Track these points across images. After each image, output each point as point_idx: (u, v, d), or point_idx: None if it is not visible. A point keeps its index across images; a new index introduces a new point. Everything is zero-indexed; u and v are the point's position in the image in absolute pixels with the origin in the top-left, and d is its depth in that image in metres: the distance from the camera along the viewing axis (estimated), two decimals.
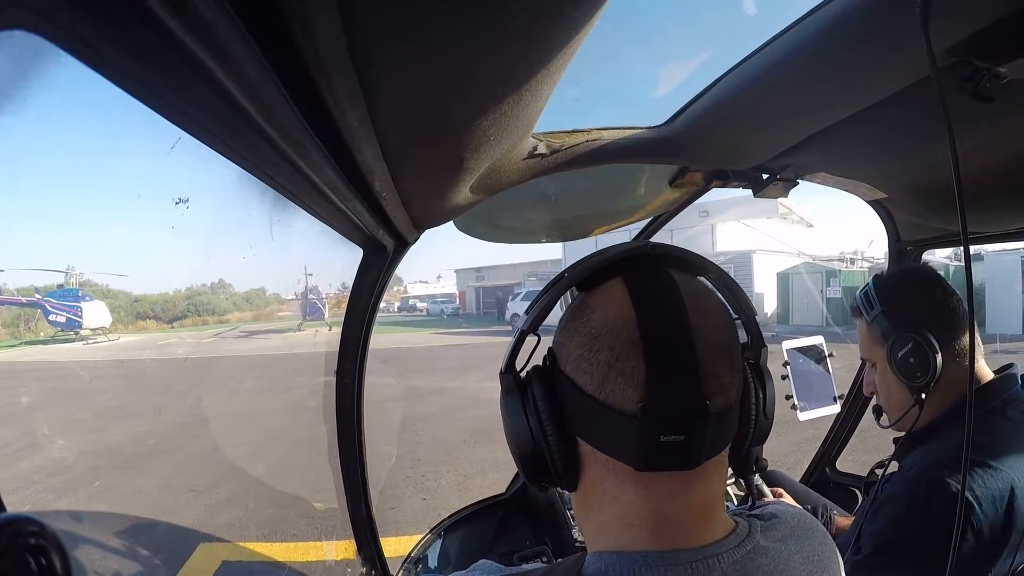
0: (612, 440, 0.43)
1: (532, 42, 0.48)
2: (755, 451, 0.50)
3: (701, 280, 0.49)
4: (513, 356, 0.49)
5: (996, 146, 0.87)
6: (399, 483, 4.40)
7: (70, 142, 54.70)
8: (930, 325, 0.93)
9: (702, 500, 0.45)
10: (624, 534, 0.44)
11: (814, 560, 0.48)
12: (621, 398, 0.41)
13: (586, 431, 0.45)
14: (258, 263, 28.05)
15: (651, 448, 0.41)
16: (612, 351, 0.42)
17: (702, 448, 0.42)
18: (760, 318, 0.52)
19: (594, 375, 0.43)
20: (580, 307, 0.47)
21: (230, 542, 3.48)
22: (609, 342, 0.42)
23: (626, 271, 0.46)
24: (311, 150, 0.53)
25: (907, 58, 0.63)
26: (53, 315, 15.71)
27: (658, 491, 0.43)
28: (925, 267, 1.06)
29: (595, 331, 0.43)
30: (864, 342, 1.06)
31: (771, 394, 0.49)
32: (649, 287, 0.44)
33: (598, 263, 0.47)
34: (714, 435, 0.43)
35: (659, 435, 0.41)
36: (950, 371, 0.92)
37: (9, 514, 0.22)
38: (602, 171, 1.03)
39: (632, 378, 0.41)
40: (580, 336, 0.44)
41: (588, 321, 0.44)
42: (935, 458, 0.89)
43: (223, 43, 0.33)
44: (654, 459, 0.42)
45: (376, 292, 1.12)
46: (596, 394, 0.42)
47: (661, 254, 0.47)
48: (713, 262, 0.50)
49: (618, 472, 0.44)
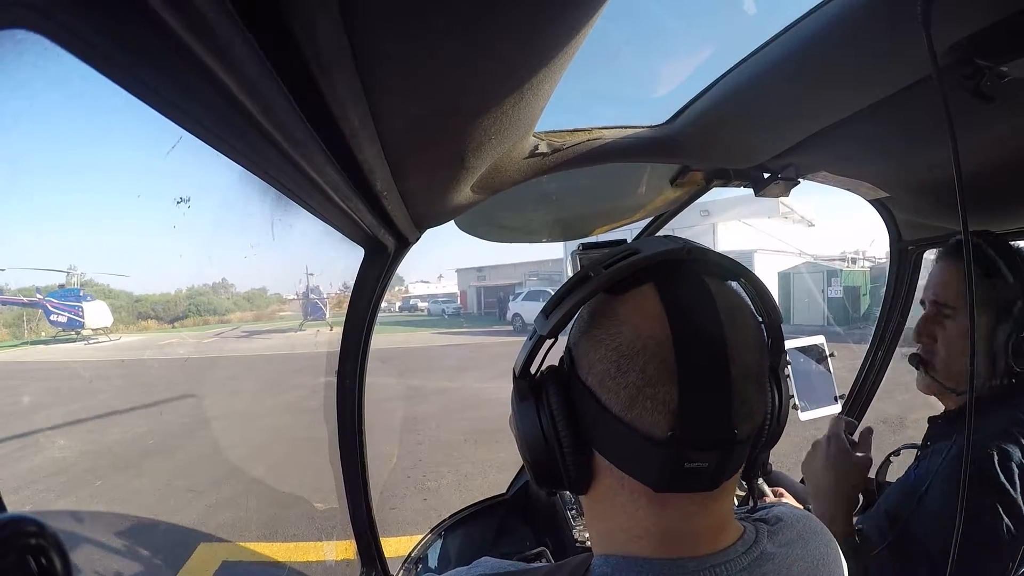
0: (633, 461, 0.41)
1: (533, 41, 0.48)
2: (763, 456, 0.49)
3: (734, 288, 0.46)
4: (529, 360, 0.46)
5: (997, 145, 0.87)
6: (400, 483, 4.40)
7: (71, 141, 54.74)
8: None
9: (715, 517, 0.44)
10: (631, 544, 0.44)
11: (819, 563, 0.48)
12: (649, 423, 0.39)
13: (605, 446, 0.43)
14: (259, 263, 28.06)
15: (675, 473, 0.40)
16: (644, 373, 0.39)
17: (724, 472, 0.41)
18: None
19: (621, 396, 0.40)
20: (606, 313, 0.43)
21: (230, 542, 3.48)
22: (641, 363, 0.39)
23: (658, 277, 0.42)
24: (312, 149, 0.53)
25: (908, 57, 0.63)
26: (54, 315, 15.74)
27: (673, 511, 0.43)
28: None
29: (624, 348, 0.40)
30: (952, 288, 0.94)
31: (787, 400, 0.48)
32: (685, 301, 0.41)
33: (629, 268, 0.42)
34: (737, 459, 0.42)
35: (684, 462, 0.39)
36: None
37: (9, 514, 0.22)
38: (603, 170, 1.03)
39: (663, 405, 0.39)
40: (607, 349, 0.41)
41: (616, 334, 0.41)
42: (999, 427, 0.84)
43: (224, 42, 0.33)
44: (675, 482, 0.40)
45: (377, 292, 1.12)
46: (622, 415, 0.40)
47: (697, 259, 0.44)
48: (745, 267, 0.47)
49: (633, 488, 0.42)
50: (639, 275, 0.42)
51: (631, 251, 0.44)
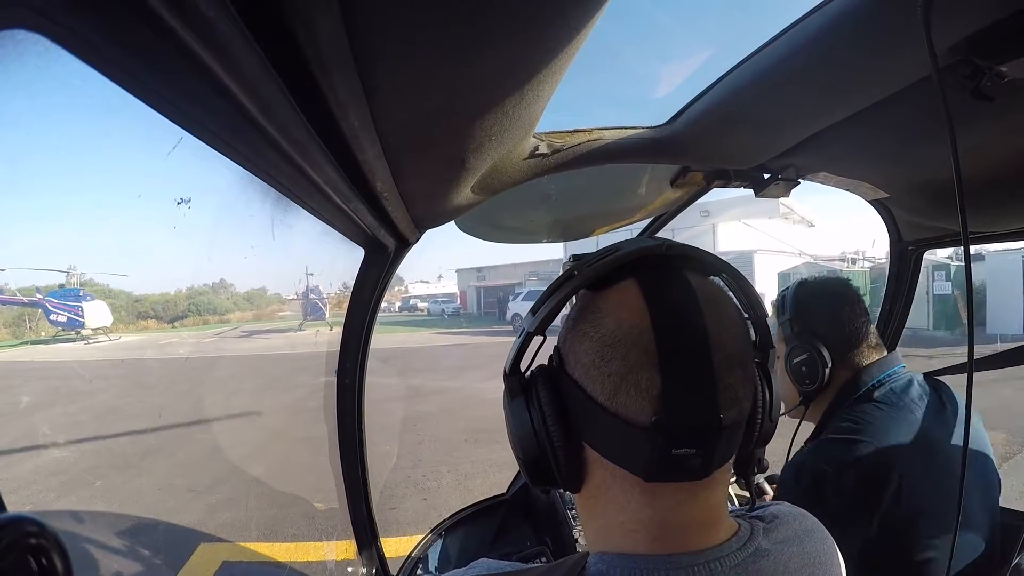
0: (621, 450, 0.42)
1: (533, 42, 0.48)
2: (758, 453, 0.49)
3: (716, 282, 0.47)
4: (518, 357, 0.48)
5: (997, 145, 0.87)
6: (399, 483, 4.40)
7: (71, 141, 54.79)
8: (828, 340, 1.02)
9: (707, 508, 0.44)
10: (626, 539, 0.44)
11: (815, 561, 0.48)
12: (634, 410, 0.40)
13: (594, 438, 0.44)
14: (259, 263, 28.05)
15: (662, 460, 0.40)
16: (625, 361, 0.40)
17: (713, 460, 0.41)
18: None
19: (605, 385, 0.41)
20: (590, 308, 0.44)
21: (231, 542, 3.48)
22: (622, 351, 0.41)
23: (640, 272, 0.44)
24: (313, 150, 0.53)
25: (908, 57, 0.63)
26: (54, 315, 15.73)
27: (665, 501, 0.43)
28: (846, 285, 1.10)
29: (607, 338, 0.42)
30: (775, 335, 1.09)
31: (777, 396, 0.49)
32: (665, 292, 0.42)
33: (611, 263, 0.44)
34: (725, 446, 0.42)
35: (671, 448, 0.40)
36: (838, 375, 1.03)
37: (9, 514, 0.22)
38: (603, 171, 1.03)
39: (646, 391, 0.40)
40: (591, 341, 0.43)
41: (600, 326, 0.42)
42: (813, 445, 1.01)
43: (225, 43, 0.33)
44: (664, 471, 0.41)
45: (377, 292, 1.12)
46: (607, 404, 0.41)
47: (677, 255, 0.45)
48: (727, 262, 0.48)
49: (624, 480, 0.43)
50: (621, 271, 0.44)
51: (614, 249, 0.45)
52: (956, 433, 0.96)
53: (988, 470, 0.99)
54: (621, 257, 0.44)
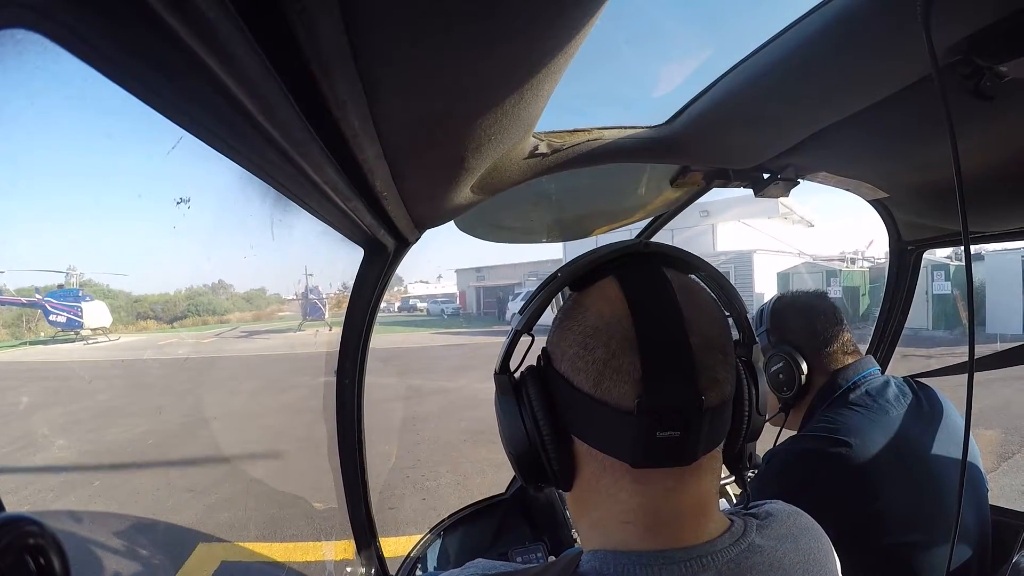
0: (608, 437, 0.43)
1: (533, 42, 0.48)
2: (748, 448, 0.50)
3: (693, 278, 0.49)
4: (507, 356, 0.49)
5: (997, 145, 0.87)
6: (399, 483, 4.40)
7: (71, 141, 54.75)
8: (804, 348, 1.06)
9: (697, 496, 0.45)
10: (619, 532, 0.45)
11: (809, 558, 0.48)
12: (617, 395, 0.42)
13: (582, 429, 0.45)
14: (259, 263, 28.09)
15: (648, 444, 0.41)
16: (607, 348, 0.42)
17: (698, 443, 0.42)
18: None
19: (589, 373, 0.43)
20: (574, 306, 0.47)
21: (229, 542, 3.48)
22: (604, 339, 0.43)
23: (619, 270, 0.46)
24: (312, 150, 0.53)
25: (908, 57, 0.63)
26: (53, 315, 15.72)
27: (654, 487, 0.44)
28: (821, 297, 1.14)
29: (590, 329, 0.44)
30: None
31: (763, 391, 0.50)
32: (642, 284, 0.45)
33: (591, 262, 0.47)
34: (709, 430, 0.43)
35: (655, 431, 0.41)
36: (815, 381, 1.06)
37: (9, 514, 0.22)
38: (603, 171, 1.03)
39: (628, 375, 0.41)
40: (574, 335, 0.45)
41: (582, 320, 0.45)
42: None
43: (224, 42, 0.33)
44: (651, 455, 0.42)
45: (377, 292, 1.12)
46: (592, 392, 0.43)
47: (654, 252, 0.48)
48: (704, 260, 0.50)
49: (614, 469, 0.44)
50: (602, 269, 0.47)
51: (595, 251, 0.48)
52: (937, 434, 0.97)
53: (972, 469, 0.99)
54: (601, 256, 0.47)
